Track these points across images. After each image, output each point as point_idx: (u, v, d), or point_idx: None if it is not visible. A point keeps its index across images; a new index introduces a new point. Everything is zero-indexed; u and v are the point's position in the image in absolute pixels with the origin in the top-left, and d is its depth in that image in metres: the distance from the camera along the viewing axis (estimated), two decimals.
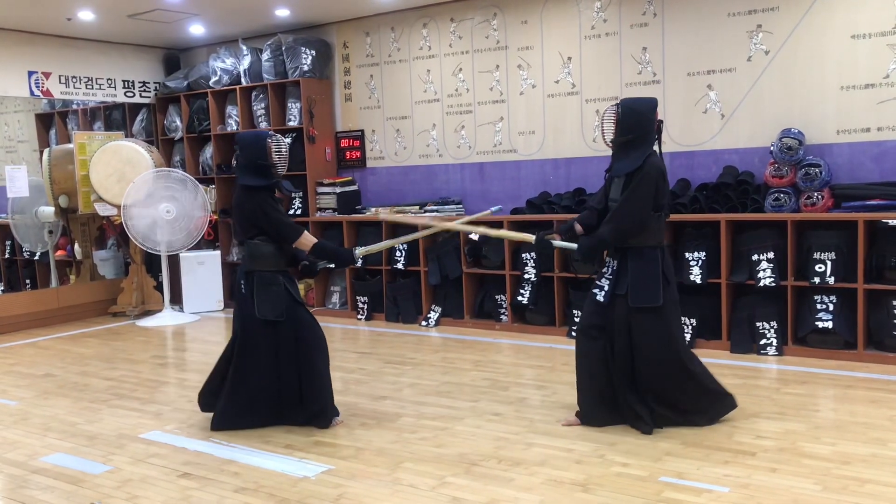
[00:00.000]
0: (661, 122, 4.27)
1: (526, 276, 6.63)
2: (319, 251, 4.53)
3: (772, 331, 5.65)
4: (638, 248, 4.16)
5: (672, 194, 6.22)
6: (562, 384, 5.15)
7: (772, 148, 5.79)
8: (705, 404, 4.24)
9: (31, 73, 8.04)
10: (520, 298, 6.68)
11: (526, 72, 7.03)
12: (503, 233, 5.20)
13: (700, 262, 5.91)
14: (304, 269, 4.70)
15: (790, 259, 5.63)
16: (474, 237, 6.61)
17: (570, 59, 6.81)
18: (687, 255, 5.97)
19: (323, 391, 4.45)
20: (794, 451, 3.80)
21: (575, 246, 4.38)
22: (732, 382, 5.01)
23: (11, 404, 5.22)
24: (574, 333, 6.35)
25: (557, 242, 4.47)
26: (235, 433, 4.40)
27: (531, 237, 4.52)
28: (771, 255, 5.67)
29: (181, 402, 5.16)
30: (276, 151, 4.42)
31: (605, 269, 4.34)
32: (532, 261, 6.60)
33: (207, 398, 4.59)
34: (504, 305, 6.88)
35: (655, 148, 4.23)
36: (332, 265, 5.50)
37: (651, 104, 4.24)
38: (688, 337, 5.90)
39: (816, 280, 5.50)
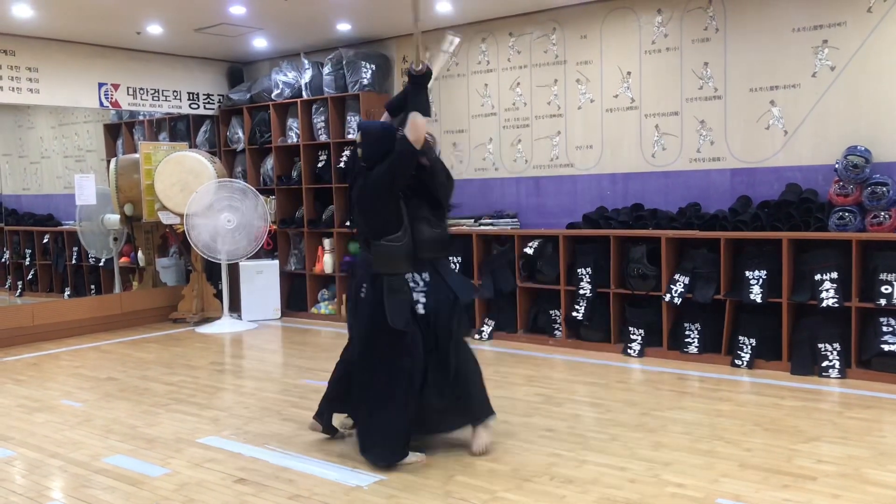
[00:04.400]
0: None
1: (581, 291, 6.58)
2: None
3: (834, 353, 5.51)
4: None
5: (732, 212, 6.13)
6: (616, 402, 5.09)
7: (836, 166, 5.66)
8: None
9: (101, 85, 8.31)
10: (574, 314, 6.63)
11: (584, 86, 7.01)
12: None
13: (760, 280, 5.79)
14: None
15: (855, 279, 5.49)
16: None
17: (629, 73, 6.77)
18: (747, 273, 5.86)
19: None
20: (858, 478, 3.69)
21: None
22: (792, 405, 4.90)
23: (76, 406, 5.38)
24: (630, 351, 6.31)
25: None
26: (290, 441, 4.46)
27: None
28: (835, 274, 5.54)
29: (238, 408, 5.24)
30: None
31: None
32: (588, 276, 6.55)
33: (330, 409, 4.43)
34: (558, 320, 6.84)
35: None
36: None
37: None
38: (747, 357, 5.79)
39: (883, 301, 5.34)
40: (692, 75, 6.48)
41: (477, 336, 7.13)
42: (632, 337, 6.38)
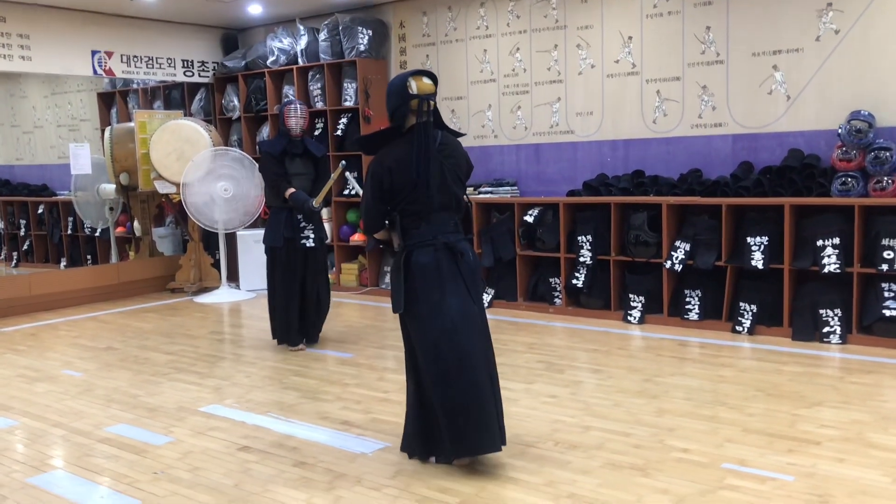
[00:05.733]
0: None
1: (581, 258, 6.56)
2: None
3: (836, 318, 5.50)
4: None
5: (734, 178, 6.09)
6: (618, 368, 5.09)
7: (839, 131, 5.61)
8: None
9: (94, 53, 8.19)
10: (575, 282, 6.61)
11: (585, 51, 6.93)
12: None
13: (762, 246, 5.77)
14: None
15: (857, 245, 5.46)
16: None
17: (630, 38, 6.69)
18: (748, 239, 5.84)
19: None
20: (861, 442, 3.70)
21: None
22: (794, 370, 4.91)
23: (77, 375, 5.36)
24: (630, 318, 6.30)
25: None
26: (292, 409, 4.45)
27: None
28: (836, 240, 5.51)
29: (239, 376, 5.23)
30: None
31: None
32: (588, 243, 6.52)
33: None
34: (558, 288, 6.82)
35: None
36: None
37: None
38: (748, 324, 5.79)
39: (884, 267, 5.33)
40: (694, 40, 6.40)
41: None
42: (632, 304, 6.37)
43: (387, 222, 3.67)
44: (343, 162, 5.86)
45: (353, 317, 7.01)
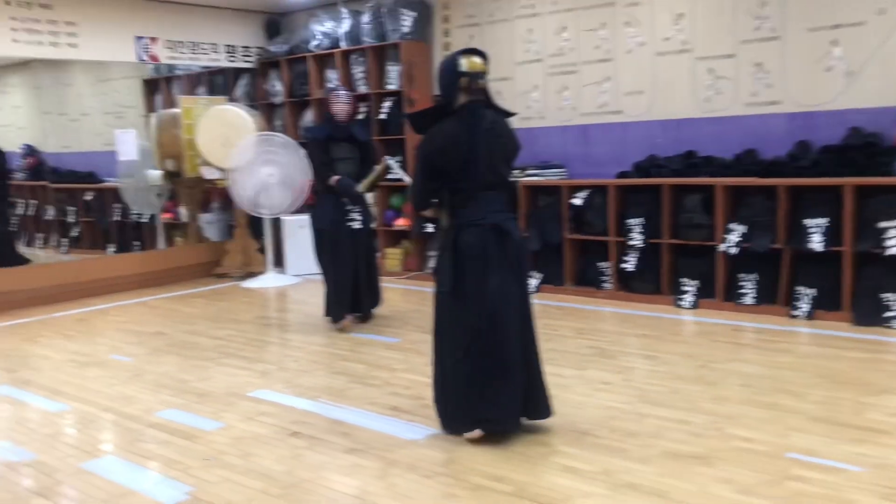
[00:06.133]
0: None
1: (632, 242, 6.41)
2: None
3: None
4: None
5: (791, 157, 5.89)
6: (671, 354, 4.96)
7: None
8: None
9: (138, 39, 8.21)
10: (625, 265, 6.47)
11: (634, 29, 6.75)
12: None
13: (822, 229, 5.57)
14: None
15: None
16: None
17: (681, 15, 6.49)
18: (807, 221, 5.64)
19: None
20: None
21: None
22: (857, 356, 4.73)
23: (126, 360, 5.38)
24: (682, 303, 6.15)
25: None
26: (342, 394, 4.41)
27: None
28: None
29: (287, 361, 5.21)
30: None
31: None
32: (639, 227, 6.37)
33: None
34: (607, 272, 6.69)
35: None
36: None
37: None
38: (806, 308, 5.60)
39: None
40: (747, 16, 6.18)
41: None
42: (684, 288, 6.21)
43: (435, 200, 3.70)
44: (389, 160, 6.06)
45: (397, 301, 6.96)
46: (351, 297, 5.98)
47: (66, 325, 6.61)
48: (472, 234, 3.56)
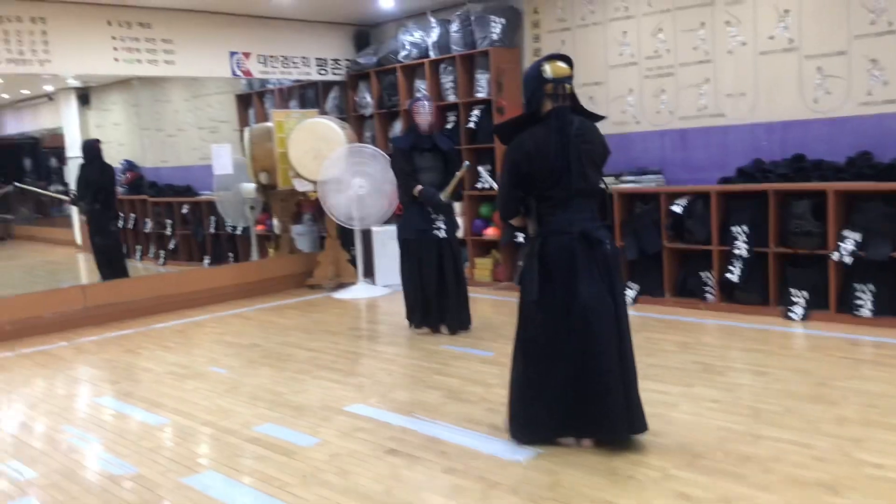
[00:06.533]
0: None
1: (736, 251, 6.11)
2: None
3: None
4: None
5: None
6: (784, 370, 4.67)
7: None
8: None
9: (232, 54, 8.36)
10: (729, 275, 6.17)
11: (735, 28, 6.45)
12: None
13: None
14: None
15: None
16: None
17: (787, 11, 6.16)
18: None
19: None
20: None
21: None
22: None
23: (222, 372, 5.42)
24: (791, 315, 5.82)
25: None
26: (437, 410, 4.30)
27: None
28: None
29: (380, 374, 5.14)
30: None
31: None
32: (744, 234, 6.07)
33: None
34: (710, 283, 6.39)
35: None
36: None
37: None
38: None
39: None
40: (861, 9, 5.82)
41: None
42: (793, 299, 5.88)
43: (522, 208, 3.66)
44: (466, 162, 6.19)
45: (488, 313, 6.82)
46: (436, 308, 6.02)
47: (166, 336, 6.73)
48: (558, 243, 3.52)
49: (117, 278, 8.16)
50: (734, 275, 6.14)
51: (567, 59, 3.60)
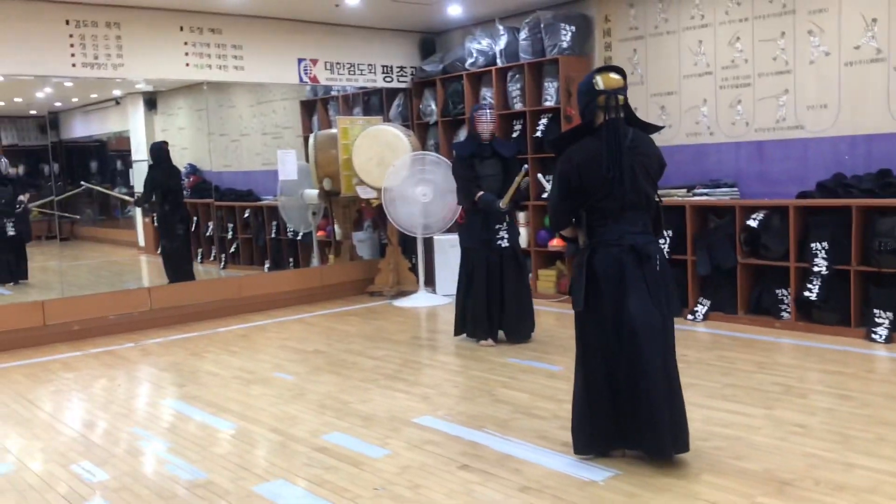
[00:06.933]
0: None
1: (815, 268, 5.88)
2: None
3: None
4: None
5: None
6: (871, 395, 4.45)
7: None
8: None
9: (300, 61, 8.39)
10: (807, 294, 5.93)
11: (818, 38, 6.23)
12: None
13: None
14: None
15: None
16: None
17: (874, 20, 5.92)
18: None
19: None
20: None
21: None
22: None
23: (288, 378, 5.39)
24: (875, 336, 5.56)
25: None
26: (507, 425, 4.19)
27: None
28: None
29: (446, 385, 5.06)
30: None
31: None
32: (823, 251, 5.83)
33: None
34: (786, 301, 6.17)
35: None
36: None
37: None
38: None
39: None
40: None
41: (690, 317, 6.58)
42: (877, 320, 5.62)
43: (573, 219, 3.67)
44: (525, 167, 6.07)
45: (552, 325, 6.69)
46: (497, 317, 6.00)
47: (230, 340, 6.75)
48: (607, 255, 3.51)
49: (184, 281, 8.24)
50: (812, 293, 5.91)
51: (620, 71, 3.60)
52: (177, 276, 8.39)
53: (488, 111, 6.03)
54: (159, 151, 8.76)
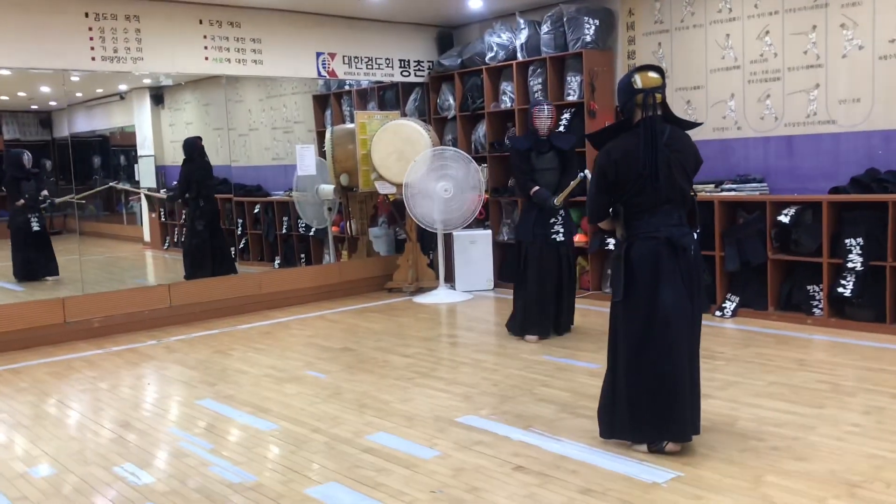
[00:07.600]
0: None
1: (849, 264, 5.82)
2: None
3: None
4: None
5: None
6: None
7: None
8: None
9: (318, 55, 8.29)
10: (840, 290, 5.88)
11: (851, 31, 6.16)
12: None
13: None
14: None
15: None
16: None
17: None
18: None
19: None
20: None
21: None
22: None
23: (321, 377, 5.31)
24: None
25: None
26: (554, 425, 4.13)
27: None
28: None
29: (485, 384, 4.98)
30: None
31: None
32: (858, 247, 5.78)
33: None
34: (818, 297, 6.11)
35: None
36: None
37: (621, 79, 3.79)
38: None
39: None
40: None
41: (718, 313, 6.53)
42: None
43: (610, 212, 3.78)
44: (581, 174, 5.91)
45: (577, 321, 6.59)
46: (553, 313, 6.03)
47: (253, 337, 6.66)
48: (644, 246, 3.62)
49: (227, 275, 8.12)
50: (847, 289, 5.86)
51: (659, 70, 3.71)
52: (218, 271, 8.20)
53: (546, 107, 6.04)
54: (193, 147, 8.64)
